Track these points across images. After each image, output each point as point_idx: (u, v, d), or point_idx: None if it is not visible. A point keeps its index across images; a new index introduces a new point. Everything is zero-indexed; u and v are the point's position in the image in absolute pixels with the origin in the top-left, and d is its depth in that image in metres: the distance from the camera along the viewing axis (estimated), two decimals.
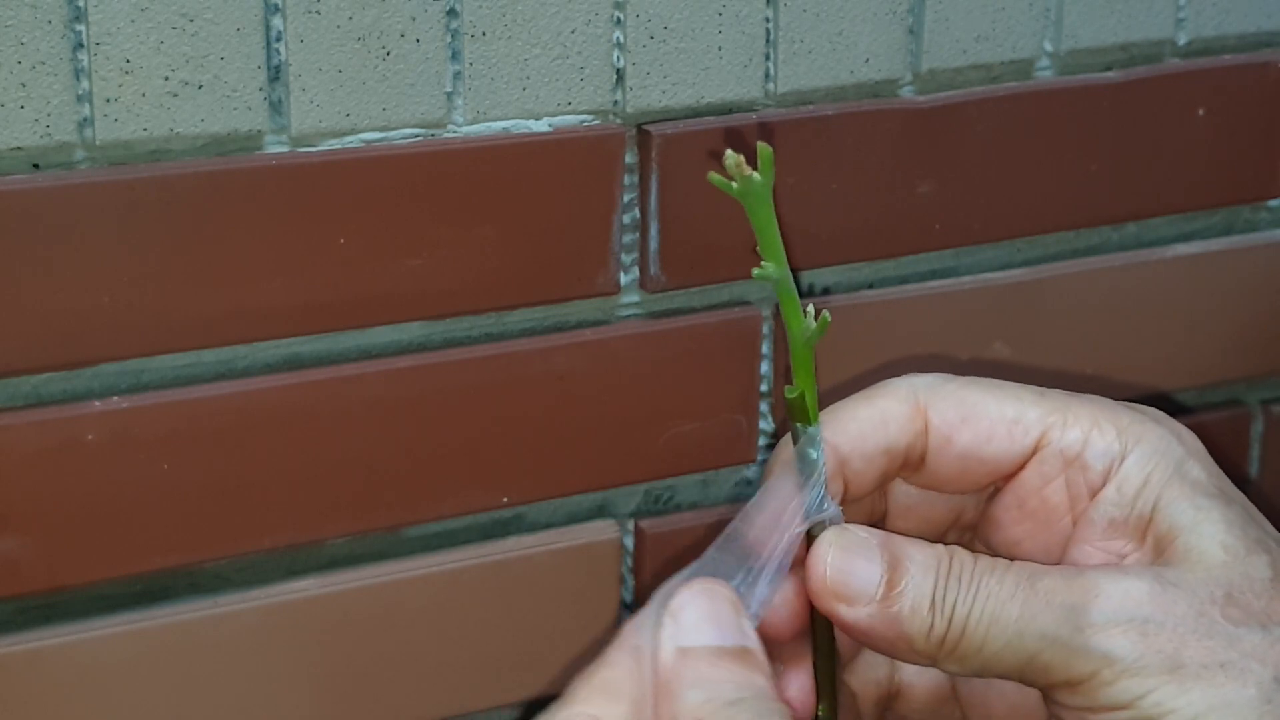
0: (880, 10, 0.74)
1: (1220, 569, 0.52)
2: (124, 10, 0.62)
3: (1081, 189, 0.80)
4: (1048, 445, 0.55)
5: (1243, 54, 0.82)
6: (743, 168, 0.52)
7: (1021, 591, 0.52)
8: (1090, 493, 0.55)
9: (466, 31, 0.67)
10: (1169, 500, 0.54)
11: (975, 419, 0.56)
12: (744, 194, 0.52)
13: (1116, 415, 0.55)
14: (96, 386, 0.65)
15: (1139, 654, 0.50)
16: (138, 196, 0.63)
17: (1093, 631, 0.51)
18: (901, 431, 0.56)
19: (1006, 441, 0.56)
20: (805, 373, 0.54)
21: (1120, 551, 0.54)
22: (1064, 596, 0.51)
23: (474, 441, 0.70)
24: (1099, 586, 0.51)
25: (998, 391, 0.56)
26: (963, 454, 0.56)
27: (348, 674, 0.70)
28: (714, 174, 0.52)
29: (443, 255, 0.68)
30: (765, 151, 0.52)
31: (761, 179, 0.52)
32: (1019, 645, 0.51)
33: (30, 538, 0.64)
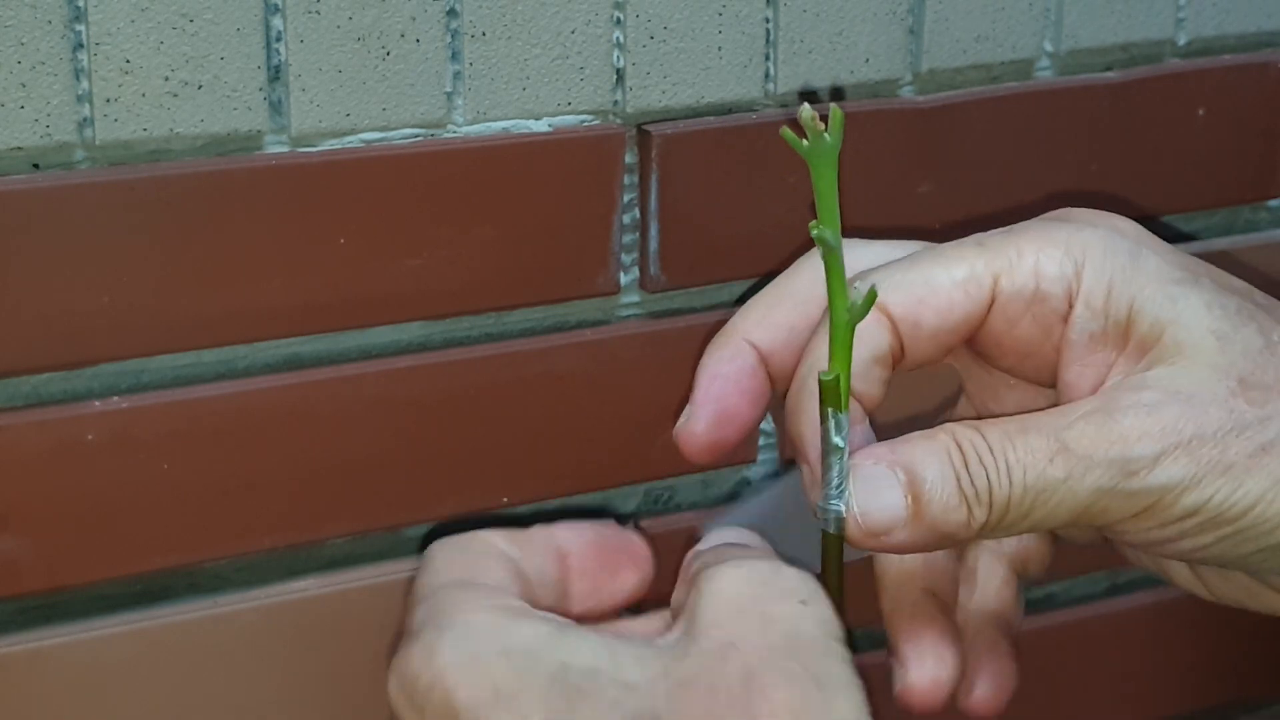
0: (880, 10, 0.74)
1: (1221, 357, 0.54)
2: (124, 10, 0.62)
3: (1081, 189, 0.80)
4: (1002, 291, 0.56)
5: (1243, 54, 0.82)
6: (818, 123, 0.51)
7: (1059, 457, 0.53)
8: (1061, 318, 0.56)
9: (466, 31, 0.67)
10: (1141, 299, 0.55)
11: (931, 296, 0.56)
12: (812, 152, 0.52)
13: (1056, 234, 0.57)
14: (96, 386, 0.65)
15: (1193, 471, 0.52)
16: (138, 196, 0.63)
17: (1146, 472, 0.52)
18: (878, 343, 0.56)
19: (966, 303, 0.56)
20: (843, 355, 0.53)
21: (1107, 362, 0.55)
22: (1104, 449, 0.53)
23: (474, 441, 0.70)
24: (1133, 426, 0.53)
25: (941, 258, 0.57)
26: (933, 333, 0.56)
27: (348, 674, 0.70)
28: (785, 129, 0.52)
29: (443, 255, 0.68)
30: (837, 113, 0.52)
31: (831, 140, 0.52)
32: (1072, 503, 0.53)
33: (30, 538, 0.64)
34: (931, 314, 0.56)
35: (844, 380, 0.53)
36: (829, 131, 0.51)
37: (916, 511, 0.53)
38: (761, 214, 0.73)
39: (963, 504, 0.53)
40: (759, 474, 0.77)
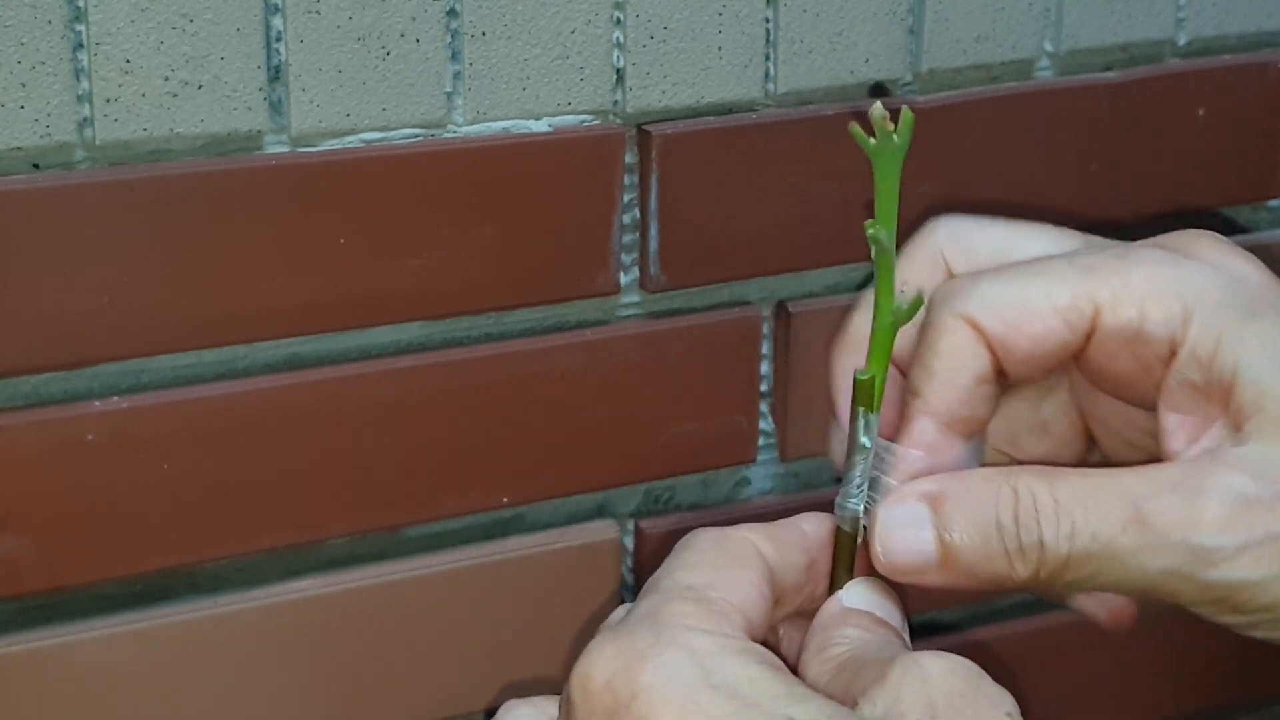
0: (880, 10, 0.74)
1: None
2: (124, 10, 0.62)
3: (1081, 189, 0.80)
4: (1102, 327, 0.52)
5: (1243, 54, 0.82)
6: (888, 123, 0.51)
7: (1134, 527, 0.49)
8: (1162, 362, 0.52)
9: (466, 31, 0.67)
10: (1247, 364, 0.51)
11: (1027, 322, 0.53)
12: (879, 152, 0.52)
13: (1169, 273, 0.52)
14: (96, 386, 0.65)
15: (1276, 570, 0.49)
16: (138, 196, 0.63)
17: (1226, 564, 0.49)
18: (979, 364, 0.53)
19: (1063, 332, 0.52)
20: (882, 356, 0.53)
21: (1207, 416, 0.51)
22: (1183, 532, 0.49)
23: (474, 441, 0.70)
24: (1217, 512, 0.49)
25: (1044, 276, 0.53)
26: (1026, 358, 0.53)
27: (348, 674, 0.70)
28: (854, 125, 0.51)
29: (443, 255, 0.68)
30: (908, 115, 0.51)
31: (899, 141, 0.51)
32: (1139, 577, 0.49)
33: (30, 538, 0.64)
34: (1026, 340, 0.52)
35: (879, 381, 0.53)
36: (898, 132, 0.51)
37: (946, 557, 0.50)
38: (761, 214, 0.73)
39: (1003, 556, 0.50)
40: (759, 474, 0.77)
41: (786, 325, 0.75)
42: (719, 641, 0.47)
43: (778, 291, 0.75)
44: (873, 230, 0.51)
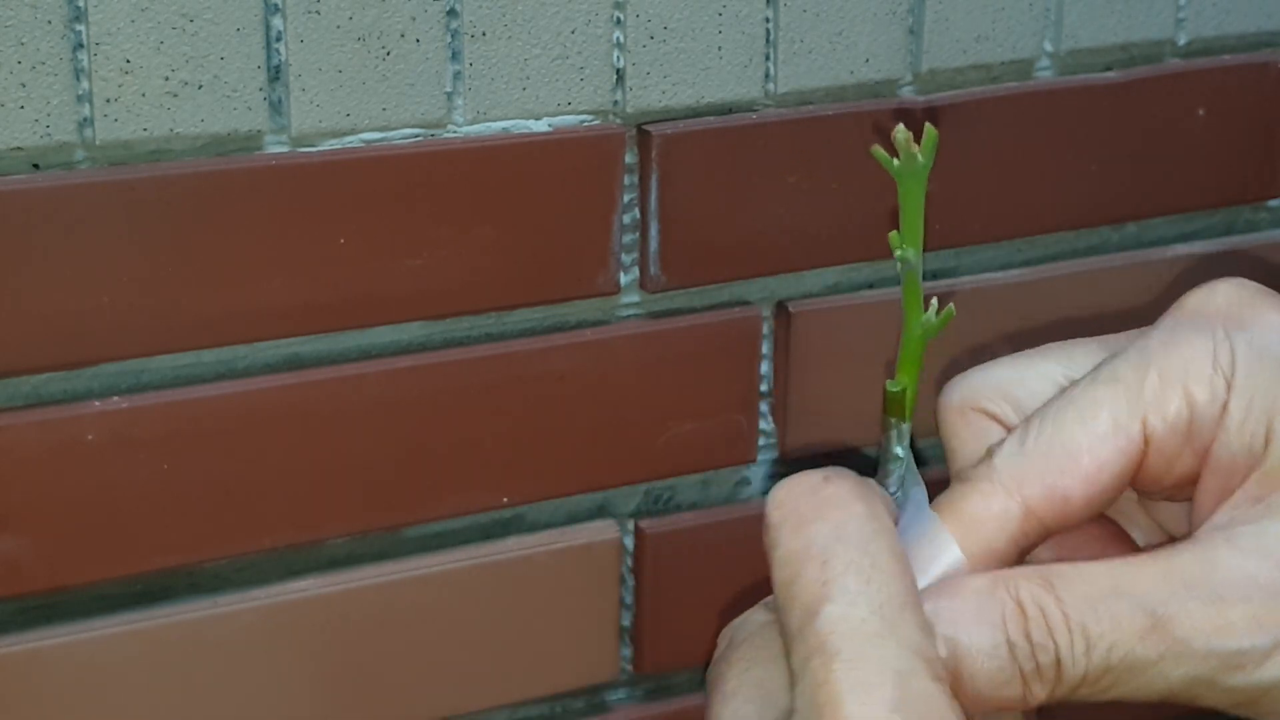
0: (880, 10, 0.74)
1: None
2: (124, 10, 0.62)
3: (1081, 189, 0.80)
4: (1154, 432, 0.48)
5: (1243, 54, 0.82)
6: (912, 145, 0.51)
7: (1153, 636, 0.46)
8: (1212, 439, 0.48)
9: (466, 31, 0.67)
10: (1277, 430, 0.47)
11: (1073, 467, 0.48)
12: (903, 173, 0.52)
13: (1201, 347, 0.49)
14: (96, 386, 0.65)
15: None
16: (138, 196, 0.63)
17: (1254, 667, 0.46)
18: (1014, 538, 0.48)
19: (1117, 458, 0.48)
20: (913, 367, 0.53)
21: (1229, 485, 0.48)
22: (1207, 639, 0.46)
23: (474, 441, 0.70)
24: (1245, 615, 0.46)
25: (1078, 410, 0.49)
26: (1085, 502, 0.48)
27: (348, 674, 0.70)
28: (877, 148, 0.52)
29: (443, 255, 0.68)
30: (931, 134, 0.52)
31: (923, 161, 0.52)
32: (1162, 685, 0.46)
33: (30, 538, 0.64)
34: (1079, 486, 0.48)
35: (910, 392, 0.53)
36: (921, 152, 0.52)
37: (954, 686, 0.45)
38: (761, 214, 0.73)
39: (1016, 679, 0.46)
40: (759, 474, 0.77)
41: (786, 325, 0.75)
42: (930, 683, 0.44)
43: (778, 291, 0.75)
44: (900, 251, 0.52)
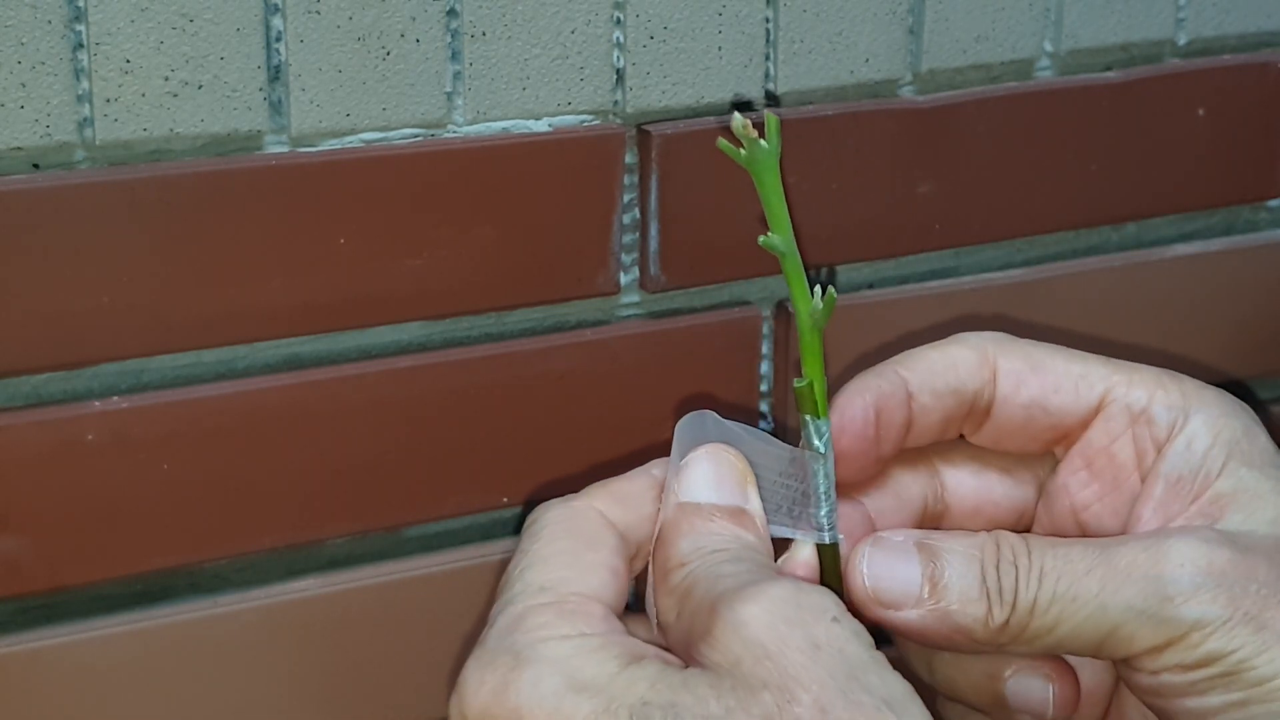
0: (880, 10, 0.74)
1: None
2: (124, 10, 0.62)
3: (1081, 189, 0.80)
4: (1113, 401, 0.56)
5: (1243, 54, 0.82)
6: (749, 130, 0.51)
7: (1098, 567, 0.52)
8: (1157, 447, 0.55)
9: (466, 31, 0.67)
10: (1236, 464, 0.54)
11: (1042, 370, 0.56)
12: (751, 161, 0.52)
13: (1179, 380, 0.56)
14: (96, 386, 0.65)
15: (1227, 615, 0.51)
16: (138, 196, 0.63)
17: (1182, 599, 0.51)
18: (970, 376, 0.56)
19: (1073, 394, 0.56)
20: (814, 360, 0.53)
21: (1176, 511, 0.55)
22: (1145, 568, 0.52)
23: (474, 441, 0.70)
24: (1181, 554, 0.52)
25: (1063, 351, 0.57)
26: (1029, 403, 0.56)
27: (348, 674, 0.70)
28: (722, 140, 0.51)
29: (443, 255, 0.68)
30: (773, 120, 0.51)
31: (769, 146, 0.51)
32: (1100, 619, 0.52)
33: (30, 538, 0.64)
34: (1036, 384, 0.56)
35: (818, 385, 0.53)
36: (766, 138, 0.51)
37: (933, 591, 0.52)
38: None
39: (983, 598, 0.52)
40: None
41: (786, 325, 0.75)
42: (576, 645, 0.50)
43: (778, 291, 0.75)
44: (765, 240, 0.52)
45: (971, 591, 0.52)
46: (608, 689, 0.48)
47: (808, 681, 0.47)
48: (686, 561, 0.52)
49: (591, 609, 0.51)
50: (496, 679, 0.50)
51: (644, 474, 0.56)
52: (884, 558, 0.53)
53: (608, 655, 0.49)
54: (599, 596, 0.52)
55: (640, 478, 0.56)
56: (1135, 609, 0.52)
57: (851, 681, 0.47)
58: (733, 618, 0.49)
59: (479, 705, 0.50)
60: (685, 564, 0.52)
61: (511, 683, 0.49)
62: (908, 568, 0.53)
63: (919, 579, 0.53)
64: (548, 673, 0.49)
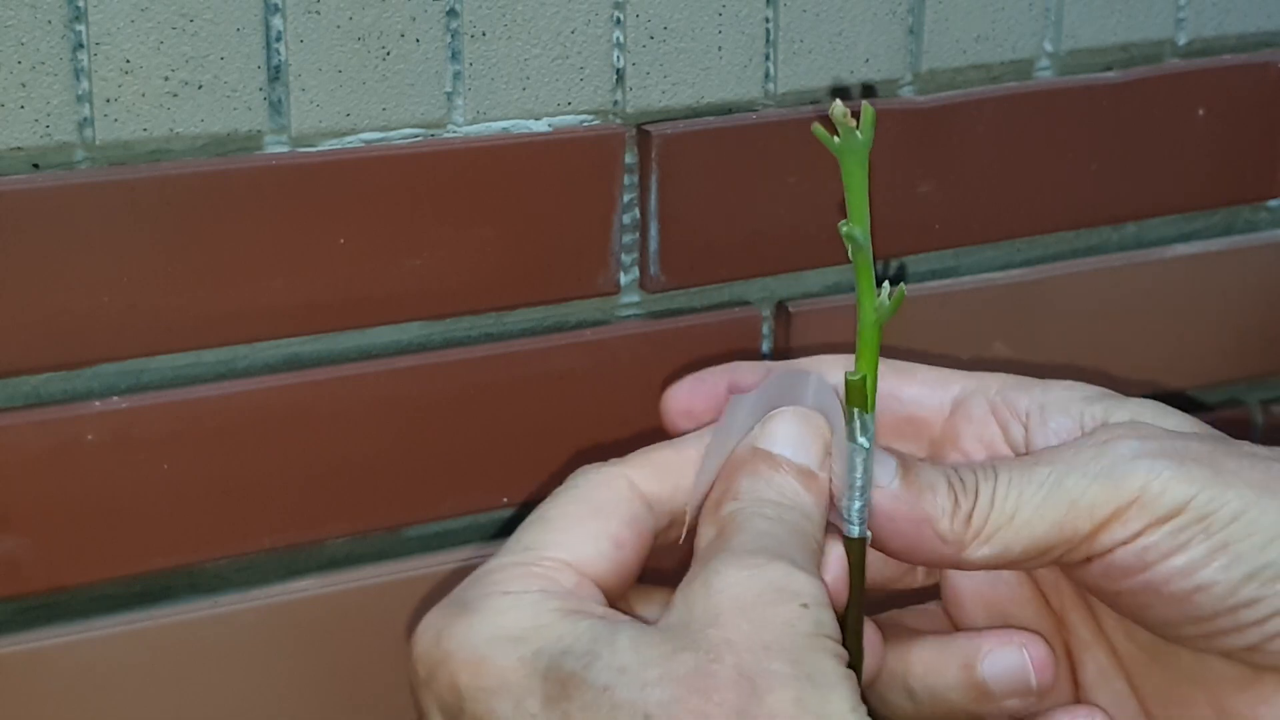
0: (880, 10, 0.74)
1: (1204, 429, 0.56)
2: (124, 10, 0.62)
3: (1081, 189, 0.80)
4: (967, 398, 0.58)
5: (1243, 54, 0.82)
6: (849, 120, 0.51)
7: (1045, 456, 0.54)
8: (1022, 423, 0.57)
9: (466, 31, 0.67)
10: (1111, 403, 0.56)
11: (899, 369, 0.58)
12: (843, 150, 0.52)
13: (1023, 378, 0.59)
14: (96, 386, 0.65)
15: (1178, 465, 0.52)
16: (138, 196, 0.63)
17: (1132, 458, 0.53)
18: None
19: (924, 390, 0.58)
20: (870, 355, 0.53)
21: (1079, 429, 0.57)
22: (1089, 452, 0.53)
23: (474, 441, 0.70)
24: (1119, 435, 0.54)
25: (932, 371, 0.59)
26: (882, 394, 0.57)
27: (348, 674, 0.70)
28: (817, 126, 0.51)
29: (443, 255, 0.68)
30: (869, 111, 0.51)
31: (863, 138, 0.51)
32: (1058, 495, 0.53)
33: (30, 538, 0.64)
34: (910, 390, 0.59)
35: (870, 381, 0.53)
36: (860, 129, 0.51)
37: (905, 477, 0.53)
38: (761, 214, 0.73)
39: (949, 489, 0.53)
40: None
41: (786, 325, 0.75)
42: (520, 599, 0.50)
43: (778, 291, 0.75)
44: (846, 230, 0.51)
45: (939, 482, 0.53)
46: (534, 638, 0.49)
47: (739, 646, 0.48)
48: (738, 498, 0.53)
49: (562, 575, 0.52)
50: (439, 625, 0.51)
51: (692, 443, 0.56)
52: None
53: (547, 608, 0.50)
54: (583, 565, 0.52)
55: (687, 448, 0.56)
56: (1089, 475, 0.53)
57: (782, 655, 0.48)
58: (713, 576, 0.50)
59: (420, 649, 0.51)
60: (736, 500, 0.53)
61: (447, 628, 0.50)
62: (885, 459, 0.54)
63: (894, 467, 0.54)
64: (481, 621, 0.50)
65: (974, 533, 0.53)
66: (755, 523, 0.52)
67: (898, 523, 0.54)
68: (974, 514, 0.53)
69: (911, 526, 0.54)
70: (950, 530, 0.53)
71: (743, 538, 0.51)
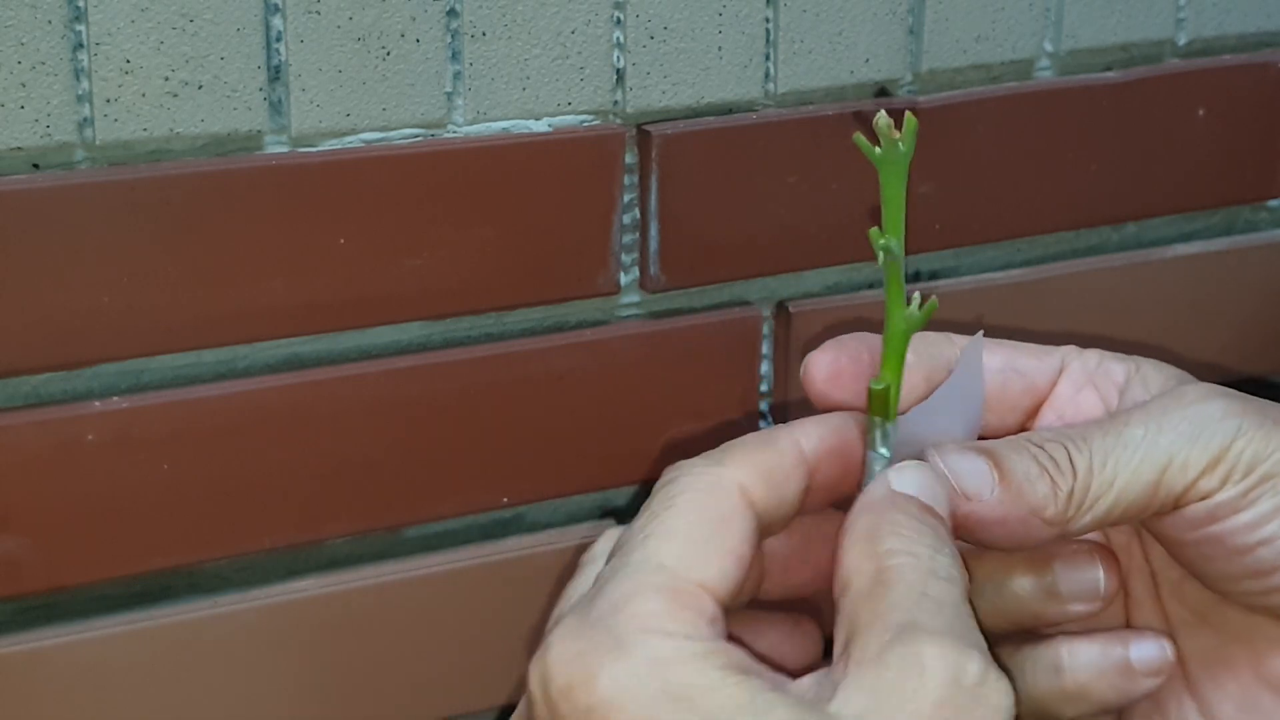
0: (880, 10, 0.74)
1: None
2: (124, 10, 0.62)
3: (1081, 189, 0.80)
4: (1070, 365, 0.59)
5: (1243, 54, 0.82)
6: (893, 131, 0.51)
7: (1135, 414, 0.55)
8: (1118, 391, 0.58)
9: (466, 31, 0.67)
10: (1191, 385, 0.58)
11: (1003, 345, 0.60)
12: (884, 161, 0.51)
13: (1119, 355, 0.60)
14: (96, 386, 0.65)
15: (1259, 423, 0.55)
16: (138, 196, 0.63)
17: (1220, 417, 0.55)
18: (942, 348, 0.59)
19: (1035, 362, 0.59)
20: (896, 365, 0.53)
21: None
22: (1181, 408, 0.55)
23: (474, 441, 0.70)
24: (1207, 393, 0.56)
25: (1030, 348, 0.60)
26: (1002, 367, 0.59)
27: (348, 674, 0.70)
28: (858, 135, 0.51)
29: (443, 255, 0.68)
30: (911, 122, 0.51)
31: (904, 148, 0.51)
32: (1154, 454, 0.54)
33: (30, 538, 0.64)
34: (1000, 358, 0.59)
35: (894, 390, 0.53)
36: (902, 139, 0.51)
37: (1002, 477, 0.53)
38: (761, 214, 0.73)
39: (1044, 473, 0.54)
40: None
41: (786, 325, 0.75)
42: (681, 647, 0.47)
43: (778, 291, 0.75)
44: (882, 240, 0.51)
45: (1032, 471, 0.54)
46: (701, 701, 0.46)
47: None
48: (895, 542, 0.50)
49: (704, 604, 0.49)
50: (590, 659, 0.47)
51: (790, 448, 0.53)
52: (956, 455, 0.54)
53: (710, 665, 0.47)
54: (716, 589, 0.49)
55: (789, 453, 0.53)
56: (1183, 435, 0.54)
57: None
58: (901, 666, 0.47)
59: (564, 677, 0.47)
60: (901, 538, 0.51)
61: (605, 669, 0.47)
62: (976, 462, 0.54)
63: (987, 468, 0.54)
64: (645, 672, 0.47)
65: (1076, 506, 0.54)
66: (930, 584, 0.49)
67: (1008, 525, 0.54)
68: (1075, 490, 0.54)
69: (1020, 525, 0.54)
70: (1057, 514, 0.54)
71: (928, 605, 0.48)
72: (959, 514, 0.54)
